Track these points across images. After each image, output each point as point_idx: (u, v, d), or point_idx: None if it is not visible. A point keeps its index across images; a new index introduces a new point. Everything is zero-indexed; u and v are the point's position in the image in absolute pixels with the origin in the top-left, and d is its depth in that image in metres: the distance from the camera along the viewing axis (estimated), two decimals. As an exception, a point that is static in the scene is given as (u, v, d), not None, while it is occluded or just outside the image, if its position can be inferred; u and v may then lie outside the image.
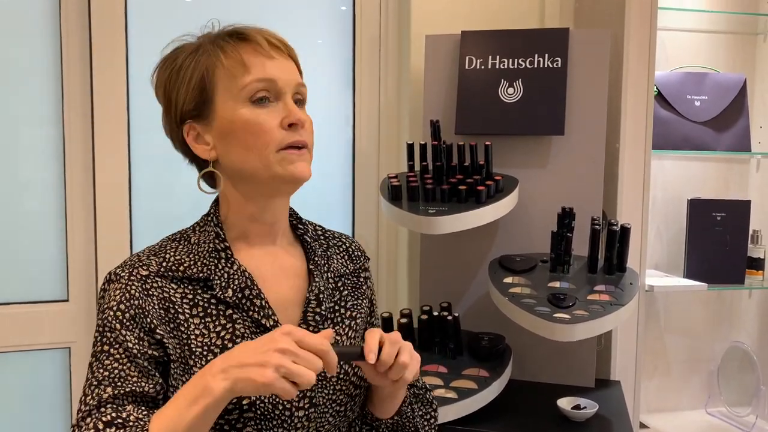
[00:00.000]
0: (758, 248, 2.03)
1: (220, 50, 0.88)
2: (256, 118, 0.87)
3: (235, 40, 0.89)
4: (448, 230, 1.46)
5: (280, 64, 0.89)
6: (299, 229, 1.01)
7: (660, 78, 2.03)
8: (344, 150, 1.97)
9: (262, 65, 0.88)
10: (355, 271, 1.04)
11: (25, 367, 1.74)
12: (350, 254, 1.05)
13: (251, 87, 0.87)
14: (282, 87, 0.88)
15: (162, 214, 1.80)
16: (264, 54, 0.88)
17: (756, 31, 2.15)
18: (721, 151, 2.05)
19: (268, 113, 0.87)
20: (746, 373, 2.11)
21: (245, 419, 0.84)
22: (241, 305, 0.89)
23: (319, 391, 0.90)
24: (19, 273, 1.72)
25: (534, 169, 1.68)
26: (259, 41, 0.89)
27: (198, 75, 0.88)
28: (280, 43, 0.91)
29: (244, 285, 0.89)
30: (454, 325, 1.53)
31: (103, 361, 0.82)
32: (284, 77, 0.89)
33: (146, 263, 0.88)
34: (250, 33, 0.90)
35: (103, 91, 1.71)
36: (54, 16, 1.69)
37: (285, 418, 0.87)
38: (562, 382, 1.67)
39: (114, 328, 0.83)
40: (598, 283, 1.50)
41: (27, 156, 1.72)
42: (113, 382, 0.81)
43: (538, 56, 1.64)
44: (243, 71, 0.87)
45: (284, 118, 0.88)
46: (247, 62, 0.87)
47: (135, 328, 0.83)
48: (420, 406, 1.02)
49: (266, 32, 0.91)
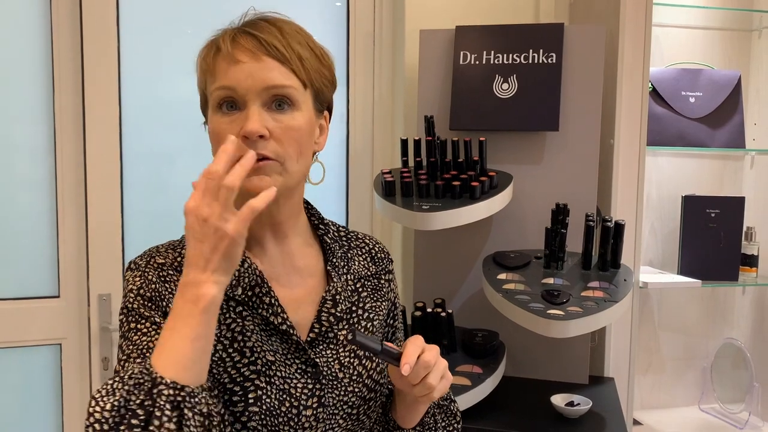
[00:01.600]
0: (752, 245, 2.03)
1: (201, 56, 0.88)
2: (217, 128, 0.84)
3: (213, 42, 0.88)
4: (442, 226, 1.45)
5: (246, 68, 0.83)
6: (320, 230, 0.99)
7: (655, 74, 2.03)
8: (338, 145, 1.97)
9: (225, 72, 0.84)
10: (377, 273, 1.02)
11: (16, 363, 1.73)
12: (373, 256, 1.04)
13: (215, 95, 0.85)
14: (243, 94, 0.83)
15: (154, 210, 1.79)
16: (228, 59, 0.84)
17: (751, 27, 2.15)
18: (715, 147, 2.05)
19: (230, 122, 0.83)
20: (739, 370, 2.11)
21: (250, 413, 0.83)
22: (250, 303, 0.88)
23: (329, 391, 0.89)
24: (10, 269, 1.71)
25: (528, 165, 1.67)
26: (224, 46, 0.84)
27: (199, 76, 0.89)
28: (259, 43, 0.84)
29: (254, 283, 0.88)
30: (448, 322, 1.53)
31: (131, 338, 0.82)
32: (246, 83, 0.82)
33: (163, 254, 0.89)
34: (221, 37, 0.86)
35: (94, 88, 1.70)
36: (45, 13, 1.67)
37: (292, 416, 0.85)
38: (556, 379, 1.67)
39: (136, 307, 0.84)
40: (592, 280, 1.50)
41: (18, 152, 1.70)
42: (142, 353, 0.80)
43: (532, 52, 1.63)
44: (212, 78, 0.86)
45: (240, 129, 0.82)
46: (214, 68, 0.85)
47: (155, 309, 0.84)
48: (443, 417, 1.01)
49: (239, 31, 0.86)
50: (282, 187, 0.85)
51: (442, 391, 0.85)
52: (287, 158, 0.85)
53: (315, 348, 0.90)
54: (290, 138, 0.85)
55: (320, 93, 0.91)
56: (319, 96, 0.91)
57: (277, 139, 0.84)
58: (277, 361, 0.87)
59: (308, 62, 0.87)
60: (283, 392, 0.85)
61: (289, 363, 0.88)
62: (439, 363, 0.85)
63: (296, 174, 0.87)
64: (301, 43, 0.88)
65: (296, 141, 0.86)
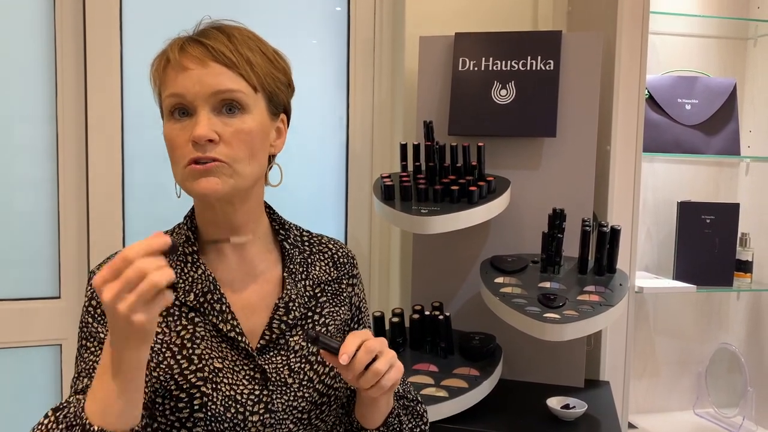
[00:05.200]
0: (746, 251, 2.05)
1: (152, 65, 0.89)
2: (170, 134, 0.86)
3: (163, 51, 0.89)
4: (440, 230, 1.46)
5: (194, 75, 0.84)
6: (280, 235, 0.99)
7: (651, 81, 2.05)
8: (338, 150, 1.98)
9: (174, 80, 0.85)
10: (338, 278, 1.02)
11: (16, 363, 1.74)
12: (335, 261, 1.03)
13: (166, 102, 0.86)
14: (192, 100, 0.84)
15: (155, 212, 1.80)
16: (177, 67, 0.85)
17: (746, 35, 2.17)
18: (711, 154, 2.06)
19: (181, 128, 0.85)
20: (734, 375, 2.13)
21: (195, 419, 0.85)
22: (202, 309, 0.89)
23: (277, 397, 0.89)
24: (11, 269, 1.72)
25: (526, 171, 1.69)
26: (172, 55, 0.85)
27: (153, 87, 0.91)
28: (206, 50, 0.85)
29: (207, 290, 0.89)
30: (446, 325, 1.54)
31: (82, 355, 0.86)
32: (194, 90, 0.83)
33: None
34: (170, 46, 0.87)
35: (96, 89, 1.71)
36: (48, 14, 1.69)
37: (237, 422, 0.86)
38: (552, 382, 1.68)
39: (88, 322, 0.88)
40: (588, 284, 1.51)
41: (21, 153, 1.71)
42: (89, 373, 0.84)
43: (530, 58, 1.65)
44: (164, 87, 0.87)
45: (191, 134, 0.84)
46: (164, 78, 0.87)
47: (104, 323, 0.87)
48: (409, 419, 1.01)
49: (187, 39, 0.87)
50: (232, 189, 0.86)
51: (392, 379, 0.84)
52: (237, 161, 0.85)
53: (265, 354, 0.91)
54: (240, 141, 0.85)
55: (273, 96, 0.91)
56: (273, 99, 0.91)
57: (226, 142, 0.84)
58: (225, 367, 0.88)
59: (259, 66, 0.88)
60: (229, 399, 0.86)
61: (237, 369, 0.89)
62: (386, 351, 0.84)
63: (249, 176, 0.87)
64: (251, 47, 0.88)
65: (247, 144, 0.86)
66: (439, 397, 1.39)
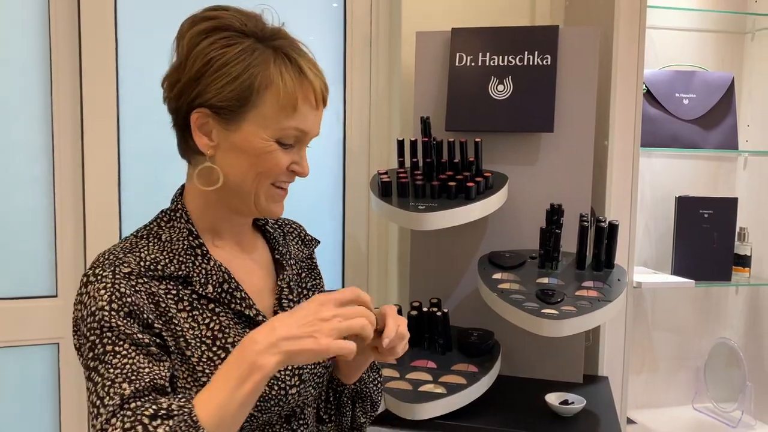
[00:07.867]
0: (745, 245, 2.05)
1: (280, 76, 0.86)
2: (274, 154, 0.89)
3: (296, 71, 0.88)
4: (438, 226, 1.46)
5: (318, 116, 0.92)
6: (260, 220, 1.05)
7: (649, 76, 2.05)
8: (335, 146, 1.98)
9: (305, 116, 0.89)
10: (310, 255, 1.10)
11: (14, 362, 1.73)
12: (302, 238, 1.11)
13: (287, 132, 0.89)
14: (307, 139, 0.92)
15: (151, 209, 1.79)
16: (312, 105, 0.90)
17: (744, 30, 2.17)
18: (709, 149, 2.06)
19: (285, 153, 0.90)
20: (733, 370, 2.13)
21: None
22: (221, 299, 0.91)
23: (304, 368, 0.95)
24: (8, 268, 1.71)
25: (523, 166, 1.68)
26: (315, 89, 0.89)
27: (245, 84, 0.86)
28: (322, 92, 0.91)
29: (222, 279, 0.91)
30: (444, 321, 1.54)
31: (110, 362, 0.78)
32: (314, 131, 0.92)
33: (125, 261, 0.86)
34: (308, 74, 0.88)
35: (92, 87, 1.70)
36: (43, 11, 1.68)
37: (281, 397, 0.91)
38: (551, 378, 1.68)
39: (113, 326, 0.80)
40: (586, 280, 1.51)
41: (16, 151, 1.70)
42: (128, 377, 0.77)
43: (528, 53, 1.65)
44: (291, 112, 0.87)
45: (293, 164, 0.91)
46: (298, 107, 0.88)
47: (134, 324, 0.81)
48: (371, 372, 1.10)
49: (317, 73, 0.91)
50: None
51: (406, 348, 0.92)
52: None
53: None
54: None
55: None
56: None
57: None
58: None
59: None
60: (271, 378, 0.88)
61: None
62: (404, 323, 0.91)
63: None
64: None
65: None
66: (437, 393, 1.39)
